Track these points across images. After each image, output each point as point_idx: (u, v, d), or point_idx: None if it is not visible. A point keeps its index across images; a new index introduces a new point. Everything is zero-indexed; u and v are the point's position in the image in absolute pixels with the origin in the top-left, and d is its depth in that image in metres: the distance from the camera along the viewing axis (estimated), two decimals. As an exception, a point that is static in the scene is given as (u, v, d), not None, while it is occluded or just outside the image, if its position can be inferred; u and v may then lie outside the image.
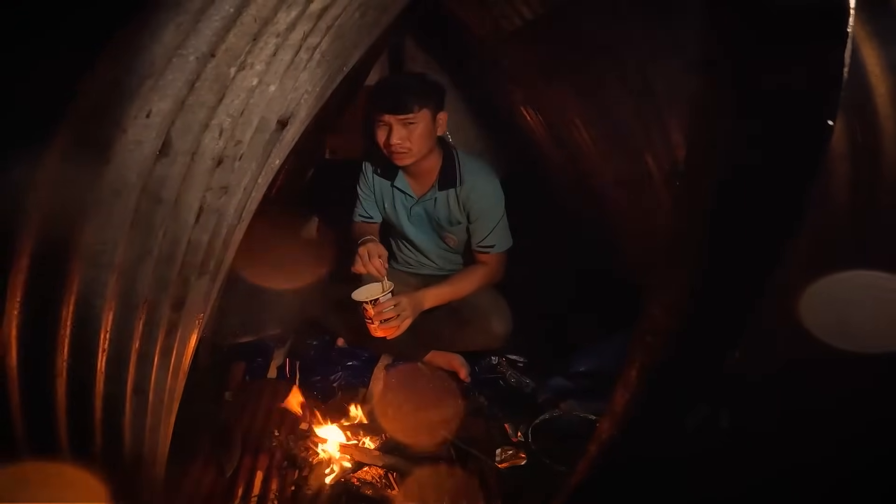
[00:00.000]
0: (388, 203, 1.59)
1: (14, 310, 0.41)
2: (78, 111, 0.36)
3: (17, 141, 0.35)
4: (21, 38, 0.33)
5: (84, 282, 0.43)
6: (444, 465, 1.18)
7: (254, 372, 1.50)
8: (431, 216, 1.56)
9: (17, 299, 0.41)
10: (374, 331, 1.38)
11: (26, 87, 0.35)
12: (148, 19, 0.36)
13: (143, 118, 0.39)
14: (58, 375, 0.48)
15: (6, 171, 0.35)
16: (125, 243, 0.44)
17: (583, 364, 1.42)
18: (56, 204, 0.38)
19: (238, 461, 1.18)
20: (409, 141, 1.37)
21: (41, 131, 0.36)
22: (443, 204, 1.52)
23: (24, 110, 0.35)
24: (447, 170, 1.50)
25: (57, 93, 0.36)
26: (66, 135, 0.36)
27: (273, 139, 0.70)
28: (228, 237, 0.69)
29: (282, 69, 0.60)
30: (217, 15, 0.40)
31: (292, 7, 0.54)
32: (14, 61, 0.33)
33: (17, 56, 0.33)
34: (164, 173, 0.45)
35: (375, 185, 1.59)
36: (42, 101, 0.35)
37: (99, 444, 0.65)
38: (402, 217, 1.59)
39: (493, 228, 1.50)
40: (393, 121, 1.35)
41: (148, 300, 0.54)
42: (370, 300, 1.34)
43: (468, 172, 1.50)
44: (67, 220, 0.39)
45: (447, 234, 1.58)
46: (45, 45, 0.34)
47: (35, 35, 0.33)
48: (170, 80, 0.40)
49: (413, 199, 1.55)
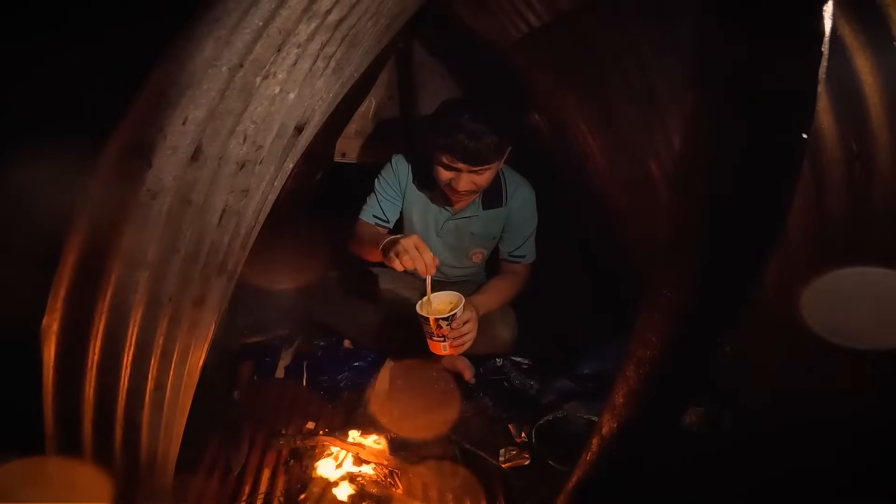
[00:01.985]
0: (417, 213, 1.50)
1: (57, 304, 0.43)
2: (128, 120, 0.39)
3: (70, 146, 0.38)
4: (75, 50, 0.35)
5: (120, 279, 0.45)
6: (449, 464, 1.19)
7: (262, 371, 1.52)
8: (464, 231, 1.51)
9: (62, 294, 0.43)
10: (442, 348, 1.21)
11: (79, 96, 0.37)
12: (191, 33, 0.39)
13: (180, 125, 0.41)
14: (88, 370, 0.51)
15: (60, 174, 0.37)
16: (157, 243, 0.46)
17: (587, 366, 1.43)
18: (102, 206, 0.40)
19: (245, 459, 1.19)
20: (475, 185, 1.30)
21: (93, 138, 0.38)
22: (483, 221, 1.49)
23: (78, 118, 0.38)
24: (493, 189, 1.45)
25: (109, 102, 0.38)
26: (117, 141, 0.39)
27: (290, 144, 0.73)
28: (246, 238, 0.71)
29: (301, 77, 0.62)
30: (248, 28, 0.43)
31: (312, 19, 0.57)
32: (71, 72, 0.36)
33: (74, 67, 0.35)
34: (194, 177, 0.47)
35: (408, 193, 1.48)
36: (95, 110, 0.37)
37: (119, 439, 0.67)
38: (431, 229, 1.52)
39: (527, 240, 1.50)
40: (466, 169, 1.26)
41: (173, 297, 0.56)
42: (446, 316, 1.15)
43: (513, 189, 1.48)
44: (110, 221, 0.41)
45: (477, 250, 1.56)
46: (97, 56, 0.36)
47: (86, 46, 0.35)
48: (205, 89, 0.42)
49: (449, 214, 1.49)
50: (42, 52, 0.42)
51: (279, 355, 1.57)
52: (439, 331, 1.18)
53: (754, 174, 0.44)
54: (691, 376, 0.49)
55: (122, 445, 0.68)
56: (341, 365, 1.52)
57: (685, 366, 0.48)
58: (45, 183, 0.40)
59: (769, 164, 0.44)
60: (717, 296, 0.47)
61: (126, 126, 0.39)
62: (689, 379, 0.50)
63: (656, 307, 0.48)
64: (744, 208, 0.45)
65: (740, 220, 0.46)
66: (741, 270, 0.46)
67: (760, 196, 0.45)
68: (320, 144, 1.62)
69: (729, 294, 0.47)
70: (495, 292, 1.46)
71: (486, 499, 1.11)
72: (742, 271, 0.46)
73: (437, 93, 1.81)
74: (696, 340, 0.47)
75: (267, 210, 0.81)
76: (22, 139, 0.45)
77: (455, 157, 1.25)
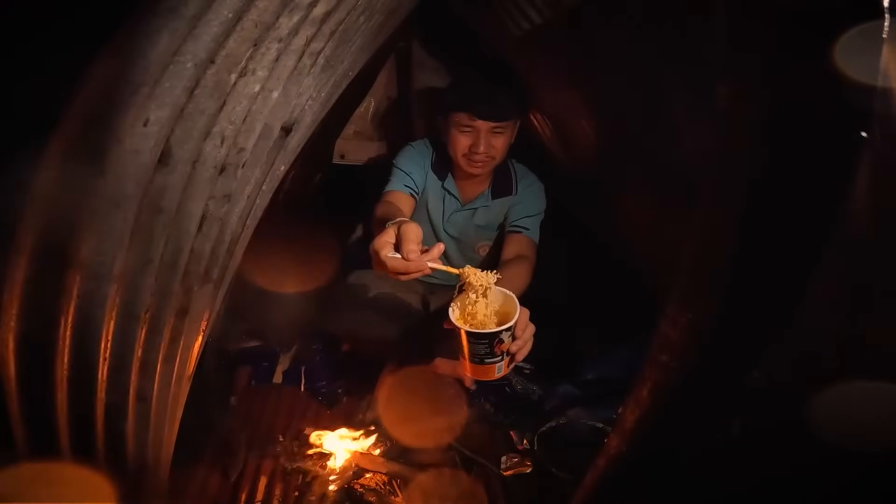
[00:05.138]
0: (432, 200, 1.49)
1: (11, 321, 0.41)
2: (71, 120, 0.36)
3: (14, 150, 0.35)
4: (15, 42, 0.32)
5: (83, 293, 0.42)
6: (449, 472, 1.17)
7: (259, 377, 1.50)
8: (469, 223, 1.51)
9: (14, 311, 0.41)
10: (496, 370, 0.83)
11: (23, 92, 0.34)
12: (141, 25, 0.35)
13: (141, 127, 0.38)
14: (58, 384, 0.48)
15: (3, 180, 0.35)
16: (125, 254, 0.44)
17: (591, 372, 1.40)
18: (53, 215, 0.38)
19: (242, 466, 1.18)
20: (494, 149, 1.30)
21: (37, 141, 0.35)
22: (491, 211, 1.48)
23: (22, 118, 0.35)
24: (502, 178, 1.45)
25: (51, 100, 0.35)
26: (60, 145, 0.36)
27: (277, 146, 0.70)
28: (232, 245, 0.69)
29: (285, 75, 0.59)
30: (216, 20, 0.40)
31: (294, 12, 0.53)
32: (9, 67, 0.33)
33: (12, 61, 0.33)
34: (164, 182, 0.44)
35: (429, 177, 1.45)
36: (37, 108, 0.35)
37: (102, 451, 0.65)
38: (440, 218, 1.51)
39: (533, 217, 1.45)
40: (484, 128, 1.27)
41: (150, 309, 0.53)
42: (506, 328, 0.77)
43: (522, 178, 1.47)
44: (65, 232, 0.39)
45: (483, 243, 1.54)
46: (38, 50, 0.33)
47: (29, 40, 0.32)
48: (167, 87, 0.39)
49: (458, 204, 1.49)
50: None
51: (277, 360, 1.56)
52: (499, 347, 0.79)
53: (798, 181, 0.38)
54: (714, 405, 0.45)
55: (105, 457, 0.65)
56: (340, 370, 1.50)
57: (707, 394, 0.44)
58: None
59: (818, 170, 0.38)
60: (750, 319, 0.41)
61: (68, 129, 0.36)
62: (712, 408, 0.45)
63: (676, 329, 0.44)
64: (785, 220, 0.39)
65: (779, 234, 0.39)
66: (780, 291, 0.40)
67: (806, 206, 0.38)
68: (317, 146, 1.60)
69: (764, 317, 0.41)
70: (516, 271, 1.26)
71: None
72: (782, 292, 0.40)
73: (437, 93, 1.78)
74: (720, 368, 0.42)
75: (257, 215, 0.79)
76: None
77: (474, 114, 1.25)
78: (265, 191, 0.76)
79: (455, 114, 1.29)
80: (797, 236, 0.38)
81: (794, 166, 0.37)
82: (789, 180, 0.37)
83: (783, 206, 0.38)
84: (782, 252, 0.39)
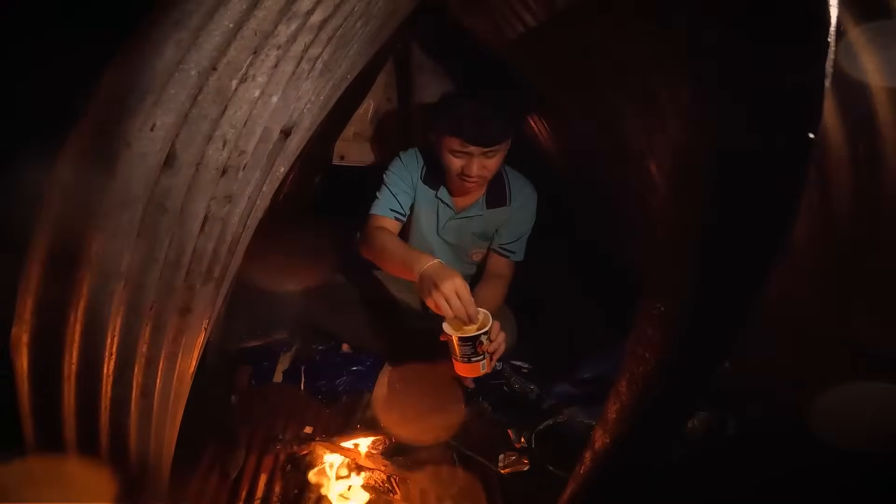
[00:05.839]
0: (425, 211, 1.49)
1: (26, 314, 0.43)
2: (83, 126, 0.38)
3: (29, 153, 0.37)
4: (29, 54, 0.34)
5: (93, 289, 0.44)
6: (447, 470, 1.18)
7: (260, 376, 1.52)
8: (464, 230, 1.52)
9: (29, 305, 0.42)
10: (481, 368, 1.17)
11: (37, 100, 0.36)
12: (148, 37, 0.37)
13: (148, 132, 0.40)
14: (66, 378, 0.50)
15: (19, 182, 0.36)
16: (132, 252, 0.45)
17: (589, 370, 1.41)
18: (65, 216, 0.39)
19: (242, 464, 1.19)
20: (486, 169, 1.30)
21: (50, 145, 0.37)
22: (486, 220, 1.49)
23: (35, 124, 0.37)
24: (497, 188, 1.46)
25: (64, 108, 0.37)
26: (73, 149, 0.38)
27: (277, 148, 0.71)
28: (233, 245, 0.70)
29: (284, 80, 0.61)
30: (217, 30, 0.42)
31: (292, 20, 0.55)
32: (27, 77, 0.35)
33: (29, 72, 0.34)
34: (169, 184, 0.46)
35: (419, 190, 1.47)
36: (51, 115, 0.36)
37: (105, 446, 0.66)
38: (432, 228, 1.52)
39: (521, 238, 1.50)
40: (477, 152, 1.27)
41: (155, 306, 0.55)
42: (487, 330, 1.10)
43: (517, 189, 1.48)
44: (76, 231, 0.41)
45: (477, 250, 1.56)
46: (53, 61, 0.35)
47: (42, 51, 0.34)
48: (172, 94, 0.41)
49: (452, 212, 1.49)
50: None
51: (277, 360, 1.57)
52: (480, 348, 1.11)
53: (757, 177, 0.41)
54: (688, 394, 0.47)
55: (109, 452, 0.67)
56: (339, 369, 1.52)
57: (681, 383, 0.46)
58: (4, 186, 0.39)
59: (773, 166, 0.41)
60: (715, 309, 0.44)
61: (81, 134, 0.38)
62: (686, 396, 0.47)
63: (649, 321, 0.46)
64: (746, 214, 0.42)
65: (742, 226, 0.42)
66: (743, 281, 0.43)
67: (764, 200, 0.41)
68: (317, 148, 1.61)
69: (729, 307, 0.44)
70: (492, 291, 1.44)
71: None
72: (744, 283, 0.43)
73: (436, 95, 1.80)
74: (692, 358, 0.44)
75: (258, 215, 0.80)
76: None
77: (466, 141, 1.25)
78: (265, 192, 0.77)
79: (447, 137, 1.28)
80: (756, 231, 0.40)
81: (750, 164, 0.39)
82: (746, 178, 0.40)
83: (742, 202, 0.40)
84: (743, 246, 0.41)
